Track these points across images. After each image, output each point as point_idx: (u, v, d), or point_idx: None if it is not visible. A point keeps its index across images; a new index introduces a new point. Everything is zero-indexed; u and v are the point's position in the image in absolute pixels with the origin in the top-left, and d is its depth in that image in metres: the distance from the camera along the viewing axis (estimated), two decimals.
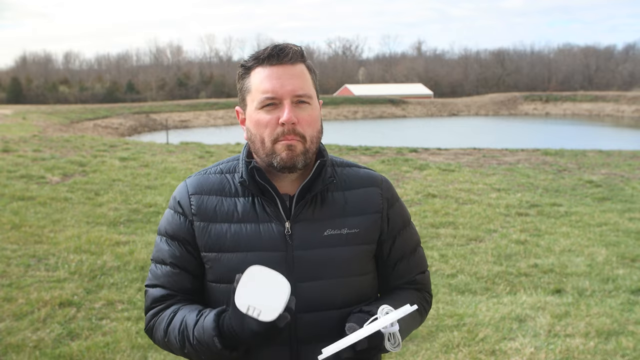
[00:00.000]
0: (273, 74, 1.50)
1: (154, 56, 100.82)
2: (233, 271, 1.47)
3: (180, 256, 1.57)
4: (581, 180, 10.68)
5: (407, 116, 56.17)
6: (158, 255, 1.61)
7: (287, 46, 1.53)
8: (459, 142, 19.69)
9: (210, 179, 1.60)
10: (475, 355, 3.99)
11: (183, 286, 1.58)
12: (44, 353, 3.94)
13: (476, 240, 6.92)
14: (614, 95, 59.79)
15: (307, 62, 1.57)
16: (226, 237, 1.53)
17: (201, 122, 47.90)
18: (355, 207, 1.59)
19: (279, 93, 1.49)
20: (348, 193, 1.60)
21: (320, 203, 1.56)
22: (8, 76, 73.21)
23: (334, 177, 1.59)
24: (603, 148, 16.18)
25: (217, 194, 1.57)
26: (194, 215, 1.56)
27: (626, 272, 5.70)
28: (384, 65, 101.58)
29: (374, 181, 1.64)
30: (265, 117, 1.50)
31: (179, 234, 1.58)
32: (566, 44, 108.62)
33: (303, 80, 1.52)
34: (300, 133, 1.49)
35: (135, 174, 10.76)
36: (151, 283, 1.61)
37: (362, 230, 1.57)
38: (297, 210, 1.54)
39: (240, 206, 1.55)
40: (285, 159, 1.49)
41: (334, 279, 1.53)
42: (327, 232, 1.54)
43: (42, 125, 29.15)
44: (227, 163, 1.64)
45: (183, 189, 1.61)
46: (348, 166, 1.66)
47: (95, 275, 5.48)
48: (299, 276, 1.51)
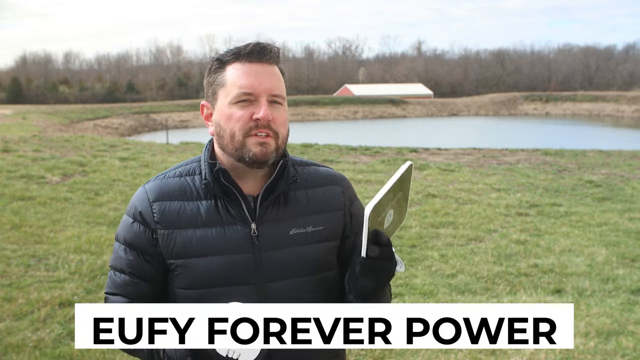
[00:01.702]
0: (252, 70, 1.50)
1: (154, 56, 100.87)
2: (201, 276, 1.48)
3: (138, 265, 1.55)
4: (581, 180, 10.68)
5: (407, 116, 56.18)
6: (116, 263, 1.59)
7: (269, 45, 1.53)
8: (459, 142, 19.70)
9: (170, 183, 1.57)
10: (475, 355, 3.99)
11: (142, 294, 1.56)
12: (44, 353, 3.94)
13: (476, 240, 6.92)
14: (614, 95, 59.79)
15: (281, 65, 1.58)
16: (192, 242, 1.51)
17: (201, 122, 47.67)
18: (318, 205, 1.60)
19: (257, 90, 1.48)
20: (310, 191, 1.61)
21: (284, 203, 1.57)
22: (8, 76, 73.25)
23: (297, 177, 1.59)
24: (603, 148, 16.18)
25: (178, 198, 1.54)
26: (157, 223, 1.53)
27: (626, 272, 5.70)
28: (384, 65, 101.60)
29: (334, 179, 1.66)
30: (238, 112, 1.49)
31: (137, 243, 1.55)
32: (566, 44, 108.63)
33: (279, 81, 1.53)
34: (274, 130, 1.50)
35: (135, 174, 10.77)
36: (111, 291, 1.59)
37: (326, 227, 1.58)
38: (261, 211, 1.54)
39: (203, 209, 1.53)
40: (258, 154, 1.48)
41: (303, 276, 1.54)
42: (293, 231, 1.55)
43: (42, 125, 29.16)
44: (186, 166, 1.61)
45: (143, 196, 1.57)
46: (307, 165, 1.67)
47: (95, 275, 5.48)
48: (268, 276, 1.52)
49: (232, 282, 1.50)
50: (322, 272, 1.57)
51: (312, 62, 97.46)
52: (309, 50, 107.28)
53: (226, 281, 1.50)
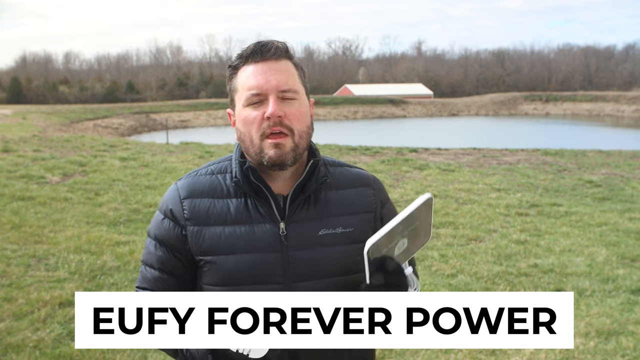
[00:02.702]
0: (257, 70, 1.50)
1: (154, 56, 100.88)
2: (229, 274, 1.47)
3: (167, 262, 1.57)
4: (581, 180, 10.68)
5: (407, 116, 56.20)
6: (147, 258, 1.61)
7: (270, 42, 1.52)
8: (459, 142, 19.70)
9: (201, 180, 1.58)
10: (475, 355, 3.99)
11: (171, 290, 1.57)
12: (44, 353, 3.94)
13: (476, 240, 6.92)
14: (614, 95, 59.82)
15: (294, 59, 1.56)
16: (220, 239, 1.52)
17: (201, 122, 47.92)
18: (349, 206, 1.59)
19: (263, 88, 1.48)
20: (341, 192, 1.60)
21: (314, 203, 1.56)
22: (8, 76, 73.26)
23: (327, 177, 1.58)
24: (603, 148, 16.18)
25: (208, 196, 1.56)
26: (187, 220, 1.54)
27: (626, 272, 5.70)
28: (384, 65, 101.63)
29: (366, 181, 1.65)
30: (252, 113, 1.49)
31: (167, 239, 1.57)
32: (566, 44, 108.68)
33: (288, 76, 1.51)
34: (288, 126, 1.48)
35: (135, 174, 10.76)
36: (141, 286, 1.62)
37: (356, 229, 1.57)
38: (291, 211, 1.54)
39: (233, 207, 1.54)
40: (273, 157, 1.48)
41: (330, 277, 1.53)
42: (322, 232, 1.54)
43: (42, 125, 29.16)
44: (218, 164, 1.62)
45: (174, 193, 1.58)
46: (340, 166, 1.66)
47: (95, 275, 5.48)
48: (295, 276, 1.51)
49: (259, 281, 1.50)
50: (349, 274, 1.56)
51: (312, 62, 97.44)
52: (309, 50, 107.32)
53: (253, 279, 1.50)
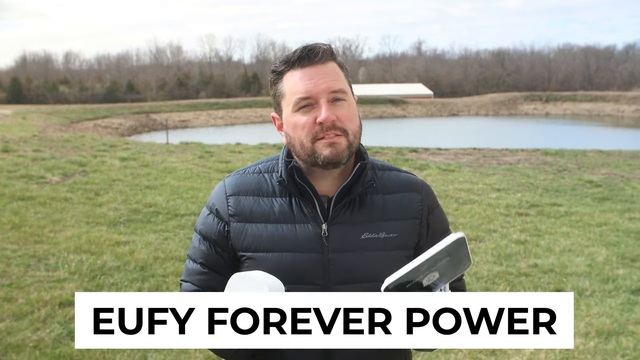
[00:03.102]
0: (305, 75, 1.49)
1: (154, 56, 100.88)
2: (269, 271, 1.47)
3: (209, 256, 1.59)
4: (581, 180, 10.68)
5: (407, 116, 56.21)
6: (192, 252, 1.64)
7: (317, 46, 1.52)
8: (459, 142, 19.70)
9: (248, 178, 1.60)
10: (475, 355, 3.99)
11: (210, 285, 1.59)
12: (44, 353, 3.94)
13: (476, 240, 6.92)
14: (614, 95, 59.83)
15: (338, 59, 1.56)
16: (262, 236, 1.53)
17: (201, 122, 47.93)
18: (394, 212, 1.57)
19: (313, 92, 1.47)
20: (387, 197, 1.58)
21: (359, 206, 1.55)
22: (8, 76, 73.25)
23: (374, 181, 1.57)
24: (603, 148, 16.18)
25: (254, 194, 1.57)
26: (231, 216, 1.56)
27: (626, 272, 5.70)
28: (384, 65, 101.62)
29: (414, 186, 1.62)
30: (302, 118, 1.49)
31: (210, 235, 1.59)
32: (566, 44, 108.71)
33: (336, 77, 1.51)
34: (341, 127, 1.48)
35: (135, 174, 10.76)
36: (184, 279, 1.65)
37: (399, 235, 1.55)
38: (334, 212, 1.53)
39: (277, 206, 1.54)
40: (329, 156, 1.47)
41: (369, 282, 1.50)
42: (365, 236, 1.53)
43: (42, 125, 29.17)
44: (266, 163, 1.63)
45: (221, 189, 1.61)
46: (389, 170, 1.64)
47: (95, 275, 5.48)
48: (334, 279, 1.50)
49: (298, 281, 1.49)
50: None
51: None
52: None
53: (292, 279, 1.49)
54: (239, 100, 58.04)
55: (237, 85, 77.05)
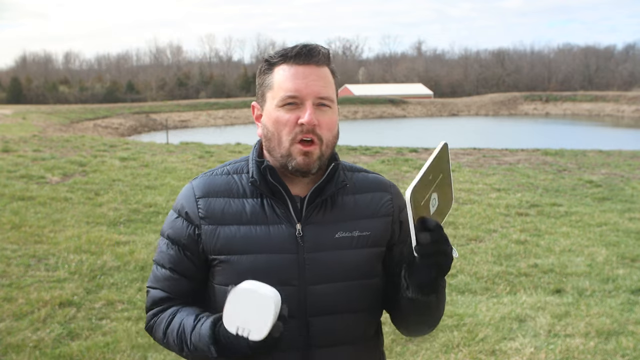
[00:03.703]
0: (299, 73, 1.47)
1: (154, 56, 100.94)
2: (243, 273, 1.45)
3: (179, 261, 1.56)
4: (581, 180, 10.68)
5: (407, 116, 56.21)
6: (159, 257, 1.60)
7: (317, 47, 1.51)
8: (459, 142, 19.67)
9: (217, 180, 1.57)
10: (475, 355, 3.99)
11: (181, 290, 1.57)
12: (44, 353, 3.94)
13: (476, 240, 6.92)
14: (614, 95, 59.83)
15: (332, 66, 1.54)
16: (235, 238, 1.51)
17: (201, 122, 47.93)
18: (366, 210, 1.57)
19: (302, 93, 1.46)
20: (358, 197, 1.59)
21: (331, 206, 1.55)
22: (8, 76, 73.29)
23: (346, 181, 1.57)
24: (603, 148, 16.17)
25: (224, 195, 1.55)
26: (202, 219, 1.53)
27: (626, 272, 5.70)
28: (384, 65, 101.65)
29: (383, 186, 1.64)
30: (285, 115, 1.48)
31: (180, 239, 1.56)
32: (566, 44, 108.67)
33: (327, 83, 1.50)
34: (319, 134, 1.48)
35: (135, 174, 10.76)
36: (152, 285, 1.61)
37: (373, 232, 1.56)
38: (308, 212, 1.52)
39: (248, 207, 1.53)
40: (301, 164, 1.47)
41: (345, 281, 1.51)
42: (338, 235, 1.53)
43: (42, 125, 29.17)
44: (235, 164, 1.61)
45: (189, 192, 1.57)
46: (357, 171, 1.65)
47: (95, 275, 5.48)
48: (310, 279, 1.50)
49: (273, 282, 1.46)
50: (364, 279, 1.54)
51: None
52: None
53: (268, 280, 1.46)
54: (239, 100, 57.99)
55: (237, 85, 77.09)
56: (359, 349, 1.56)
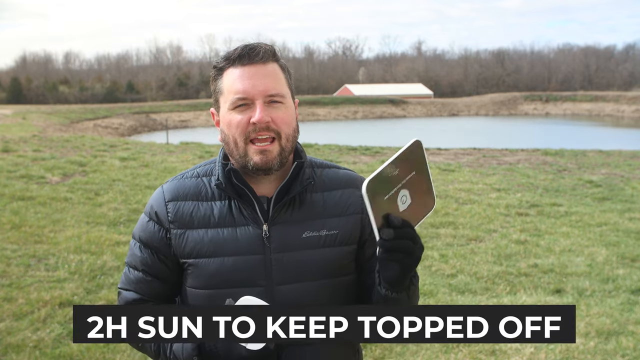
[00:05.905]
0: (244, 74, 1.48)
1: (154, 56, 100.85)
2: (211, 277, 1.47)
3: (152, 264, 1.56)
4: (581, 180, 10.68)
5: (407, 116, 56.18)
6: (131, 260, 1.60)
7: (258, 45, 1.51)
8: (459, 142, 19.69)
9: (187, 183, 1.58)
10: (475, 355, 3.99)
11: (155, 293, 1.57)
12: (44, 353, 3.94)
13: (476, 240, 6.92)
14: (614, 95, 59.81)
15: (280, 61, 1.55)
16: (203, 242, 1.51)
17: (201, 122, 47.90)
18: (335, 209, 1.56)
19: (250, 93, 1.47)
20: (327, 194, 1.58)
21: (299, 205, 1.54)
22: (8, 76, 73.27)
23: (313, 179, 1.56)
24: (603, 148, 16.18)
25: (193, 198, 1.55)
26: (171, 222, 1.54)
27: (626, 272, 5.70)
28: (384, 65, 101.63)
29: (353, 182, 1.62)
30: (237, 117, 1.48)
31: (151, 242, 1.57)
32: (566, 44, 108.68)
33: (275, 80, 1.50)
34: (275, 130, 1.48)
35: (135, 174, 10.76)
36: (124, 287, 1.60)
37: (341, 231, 1.55)
38: (274, 213, 1.52)
39: (216, 210, 1.53)
40: (259, 162, 1.48)
41: (313, 281, 1.51)
42: (306, 234, 1.52)
43: (42, 125, 29.16)
44: (204, 166, 1.62)
45: (160, 195, 1.59)
46: (327, 167, 1.64)
47: (95, 275, 5.48)
48: (278, 279, 1.50)
49: (241, 284, 1.48)
50: (334, 277, 1.54)
51: (312, 62, 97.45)
52: (309, 50, 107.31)
53: (236, 282, 1.48)
54: None
55: None
56: (332, 346, 1.54)
